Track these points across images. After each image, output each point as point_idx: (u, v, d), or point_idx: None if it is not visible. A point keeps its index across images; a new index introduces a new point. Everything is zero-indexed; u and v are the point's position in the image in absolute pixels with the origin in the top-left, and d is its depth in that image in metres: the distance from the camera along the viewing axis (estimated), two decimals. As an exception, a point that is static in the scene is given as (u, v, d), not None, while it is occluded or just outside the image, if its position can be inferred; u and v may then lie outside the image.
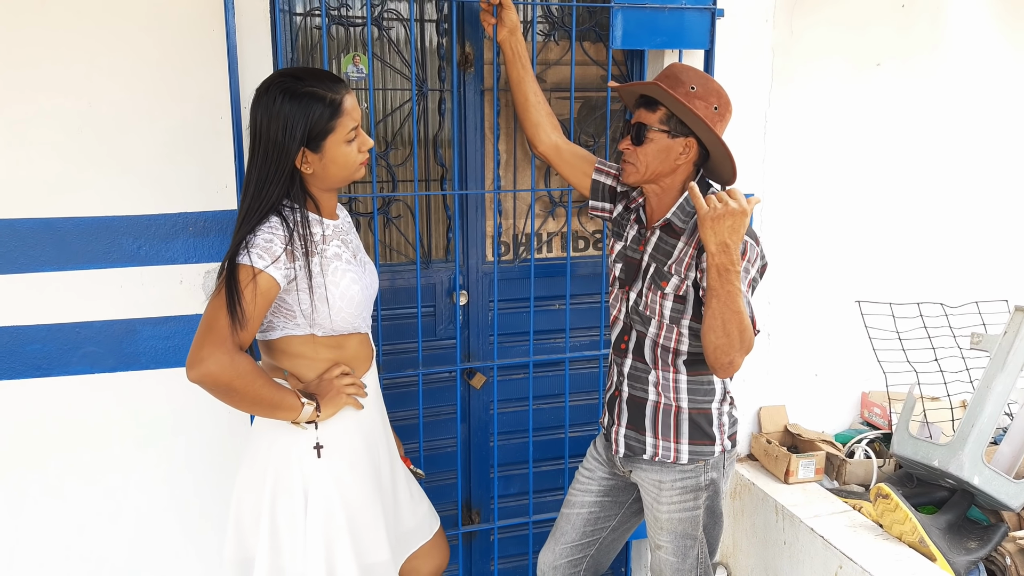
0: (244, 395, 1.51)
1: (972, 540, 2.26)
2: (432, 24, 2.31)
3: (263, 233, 1.51)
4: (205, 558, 2.22)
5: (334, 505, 1.64)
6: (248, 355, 1.53)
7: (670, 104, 1.71)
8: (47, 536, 2.11)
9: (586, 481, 2.03)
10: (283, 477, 1.63)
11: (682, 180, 1.81)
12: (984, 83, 2.78)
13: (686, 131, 1.74)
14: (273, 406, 1.57)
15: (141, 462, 2.14)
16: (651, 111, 1.75)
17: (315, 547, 1.62)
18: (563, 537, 2.04)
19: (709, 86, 1.74)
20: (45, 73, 1.89)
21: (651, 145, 1.75)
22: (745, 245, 1.70)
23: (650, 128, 1.75)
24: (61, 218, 1.96)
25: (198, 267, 2.07)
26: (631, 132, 1.78)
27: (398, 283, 2.33)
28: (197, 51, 1.97)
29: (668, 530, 1.89)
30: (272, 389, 1.56)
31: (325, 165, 1.58)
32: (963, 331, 2.64)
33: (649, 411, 1.86)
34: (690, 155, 1.77)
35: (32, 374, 2.01)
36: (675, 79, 1.74)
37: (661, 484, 1.87)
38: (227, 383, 1.48)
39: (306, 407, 1.59)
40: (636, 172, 1.79)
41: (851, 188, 2.70)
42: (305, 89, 1.53)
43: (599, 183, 2.01)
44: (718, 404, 1.86)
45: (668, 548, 1.91)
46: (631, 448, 1.90)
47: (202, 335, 1.48)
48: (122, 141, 1.97)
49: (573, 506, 2.04)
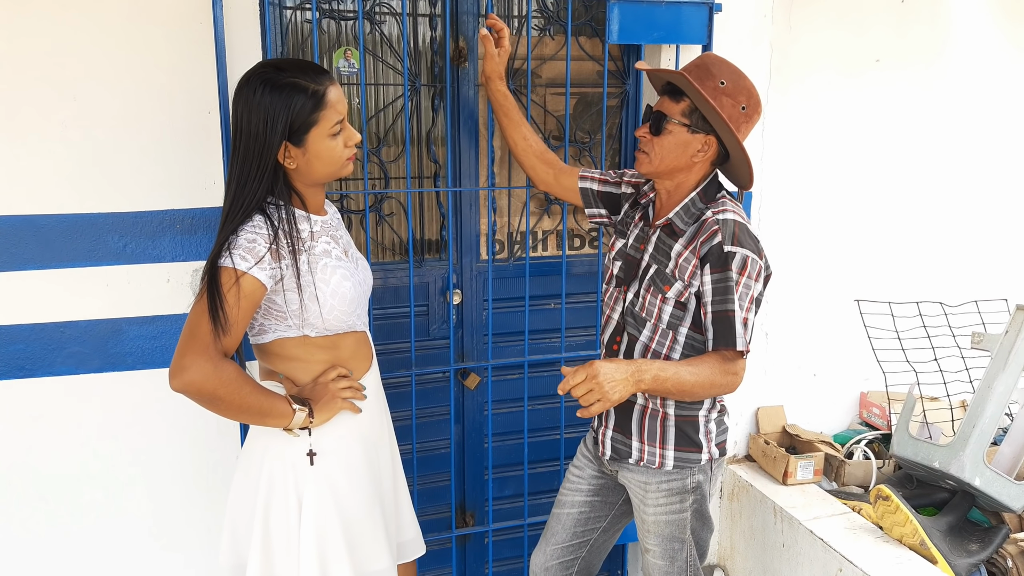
0: (230, 403, 1.47)
1: (973, 542, 2.24)
2: (425, 18, 2.28)
3: (246, 233, 1.46)
4: (193, 561, 2.19)
5: (328, 513, 1.60)
6: (233, 362, 1.48)
7: (694, 97, 1.66)
8: (31, 539, 2.07)
9: (576, 480, 2.00)
10: (277, 484, 1.59)
11: (697, 179, 1.76)
12: (984, 81, 2.76)
13: (708, 128, 1.69)
14: (262, 413, 1.52)
15: (128, 464, 2.10)
16: (675, 101, 1.70)
17: (308, 556, 1.58)
18: (554, 538, 2.01)
19: (741, 83, 1.68)
20: (29, 68, 1.85)
21: (669, 137, 1.70)
22: (745, 260, 1.66)
23: (670, 119, 1.70)
24: (44, 215, 1.92)
25: (186, 265, 2.03)
26: (650, 119, 1.73)
27: (391, 282, 2.30)
28: (184, 46, 1.93)
29: (655, 533, 1.87)
30: (260, 396, 1.51)
31: (309, 160, 1.52)
32: (963, 330, 2.62)
33: (636, 415, 1.83)
34: (708, 154, 1.72)
35: (15, 375, 1.97)
36: (706, 71, 1.67)
37: (647, 486, 1.84)
38: (211, 392, 1.44)
39: (298, 414, 1.54)
40: (649, 163, 1.74)
41: (850, 186, 2.67)
42: (287, 80, 1.47)
43: (586, 190, 1.99)
44: (706, 412, 1.82)
45: (656, 551, 1.88)
46: (617, 451, 1.87)
47: (184, 343, 1.44)
48: (108, 137, 1.93)
49: (563, 506, 2.01)
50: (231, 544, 1.66)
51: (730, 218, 1.70)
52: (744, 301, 1.68)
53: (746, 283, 1.67)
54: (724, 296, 1.67)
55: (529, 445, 2.45)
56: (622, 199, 1.96)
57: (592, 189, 1.99)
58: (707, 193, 1.75)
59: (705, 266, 1.68)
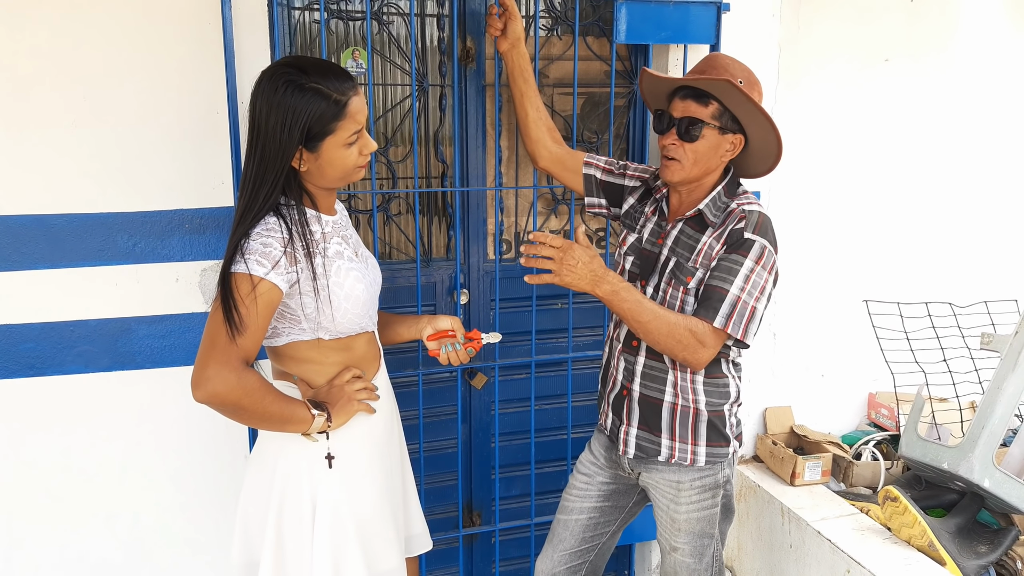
0: (253, 412, 1.46)
1: (982, 544, 2.22)
2: (432, 19, 2.28)
3: (260, 237, 1.44)
4: (205, 558, 2.19)
5: (343, 515, 1.59)
6: (255, 371, 1.47)
7: (734, 100, 1.66)
8: (42, 537, 2.08)
9: (584, 487, 1.98)
10: (291, 485, 1.58)
11: (718, 175, 1.78)
12: (995, 78, 2.75)
13: (736, 127, 1.70)
14: (283, 420, 1.51)
15: (137, 462, 2.10)
16: (703, 105, 1.69)
17: (322, 557, 1.58)
18: (561, 544, 1.99)
19: (752, 79, 1.71)
20: (39, 67, 1.86)
21: (703, 142, 1.70)
22: (763, 249, 1.68)
23: (704, 124, 1.69)
24: (55, 215, 1.93)
25: (195, 265, 2.04)
26: (677, 127, 1.71)
27: (398, 282, 2.30)
28: (193, 45, 1.94)
29: (687, 531, 1.86)
30: (282, 403, 1.50)
31: (320, 166, 1.50)
32: (972, 331, 2.60)
33: (666, 412, 1.81)
34: (735, 152, 1.74)
35: (25, 373, 1.98)
36: (725, 71, 1.68)
37: (679, 485, 1.83)
38: (235, 402, 1.42)
39: (317, 419, 1.53)
40: (682, 170, 1.73)
41: (858, 186, 2.66)
42: (310, 84, 1.44)
43: (589, 177, 1.98)
44: (729, 405, 1.83)
45: (685, 550, 1.88)
46: (643, 449, 1.85)
47: (205, 353, 1.41)
48: (117, 137, 1.94)
49: (571, 512, 1.99)
50: (243, 543, 1.65)
51: (756, 210, 1.73)
52: (755, 291, 1.68)
53: (759, 272, 1.68)
54: (726, 275, 1.68)
55: (536, 445, 2.45)
56: (625, 192, 1.96)
57: (596, 177, 1.98)
58: (730, 188, 1.79)
59: (724, 248, 1.71)
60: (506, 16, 1.95)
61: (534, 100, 2.02)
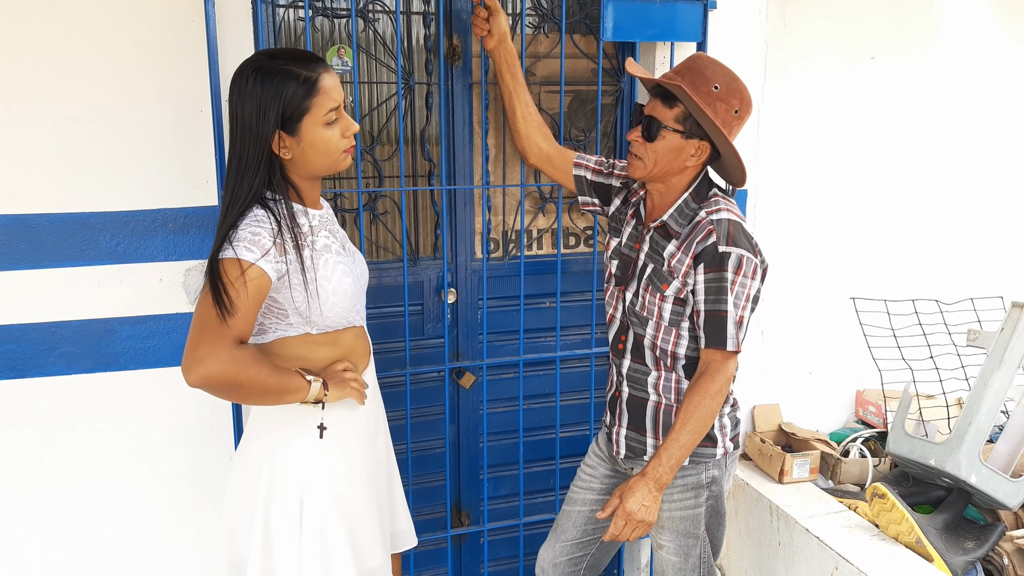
0: (251, 388, 1.44)
1: (969, 540, 2.23)
2: (419, 16, 2.26)
3: (248, 226, 1.44)
4: (189, 561, 2.18)
5: (331, 512, 1.59)
6: (247, 345, 1.45)
7: (690, 106, 1.66)
8: (24, 541, 2.05)
9: (588, 479, 2.00)
10: (278, 483, 1.57)
11: (689, 179, 1.76)
12: (981, 75, 2.76)
13: (701, 133, 1.69)
14: (281, 391, 1.50)
15: (121, 464, 2.08)
16: (668, 107, 1.69)
17: (310, 555, 1.57)
18: (564, 535, 2.00)
19: (733, 86, 1.67)
20: (20, 66, 1.84)
21: (662, 143, 1.70)
22: (741, 259, 1.67)
23: (664, 126, 1.69)
24: (36, 214, 1.91)
25: (178, 265, 2.02)
26: (642, 124, 1.72)
27: (385, 281, 2.29)
28: (176, 44, 1.92)
29: (669, 529, 1.86)
30: (278, 375, 1.49)
31: (304, 150, 1.50)
32: (958, 328, 2.62)
33: (650, 412, 1.83)
34: (701, 158, 1.73)
35: (7, 375, 1.96)
36: (699, 75, 1.66)
37: None
38: (232, 379, 1.40)
39: (313, 384, 1.53)
40: (643, 167, 1.74)
41: (845, 183, 2.67)
42: (279, 67, 1.45)
43: (580, 179, 1.99)
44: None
45: (670, 548, 1.88)
46: (632, 449, 1.87)
47: (196, 335, 1.39)
48: (99, 136, 1.91)
49: (575, 503, 2.00)
50: (229, 543, 1.64)
51: (724, 217, 1.70)
52: (740, 300, 1.68)
53: (742, 282, 1.67)
54: (717, 296, 1.67)
55: (524, 444, 2.44)
56: (612, 191, 1.96)
57: (586, 178, 1.98)
58: (699, 193, 1.76)
59: (699, 265, 1.68)
60: (490, 13, 1.94)
61: (523, 96, 2.01)
